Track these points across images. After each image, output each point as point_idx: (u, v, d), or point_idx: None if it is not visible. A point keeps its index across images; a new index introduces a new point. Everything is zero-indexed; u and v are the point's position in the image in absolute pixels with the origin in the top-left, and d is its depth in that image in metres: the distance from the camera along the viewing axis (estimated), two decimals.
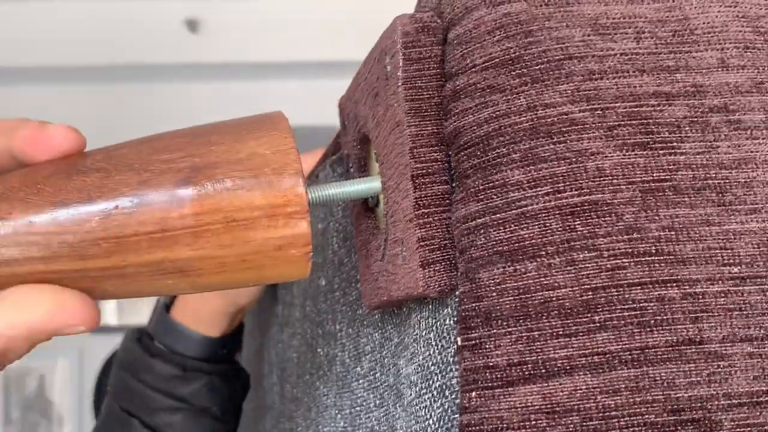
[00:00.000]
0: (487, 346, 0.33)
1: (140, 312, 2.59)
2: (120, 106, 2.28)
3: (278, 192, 0.35)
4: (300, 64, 2.46)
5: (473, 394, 0.33)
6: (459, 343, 0.34)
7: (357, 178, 0.42)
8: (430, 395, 0.36)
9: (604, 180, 0.32)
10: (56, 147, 0.36)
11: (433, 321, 0.37)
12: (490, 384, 0.32)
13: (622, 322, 0.31)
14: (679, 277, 0.32)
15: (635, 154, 0.32)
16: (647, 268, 0.32)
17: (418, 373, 0.38)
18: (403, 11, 0.37)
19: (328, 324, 0.58)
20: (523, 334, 0.32)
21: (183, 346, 0.71)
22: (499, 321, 0.32)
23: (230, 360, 0.75)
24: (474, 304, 0.33)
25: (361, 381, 0.51)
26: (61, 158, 0.36)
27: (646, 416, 0.31)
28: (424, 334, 0.38)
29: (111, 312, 2.58)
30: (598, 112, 0.33)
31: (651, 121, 0.33)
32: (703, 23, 0.34)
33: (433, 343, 0.37)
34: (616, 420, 0.31)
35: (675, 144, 0.33)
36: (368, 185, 0.40)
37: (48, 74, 2.21)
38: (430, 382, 0.37)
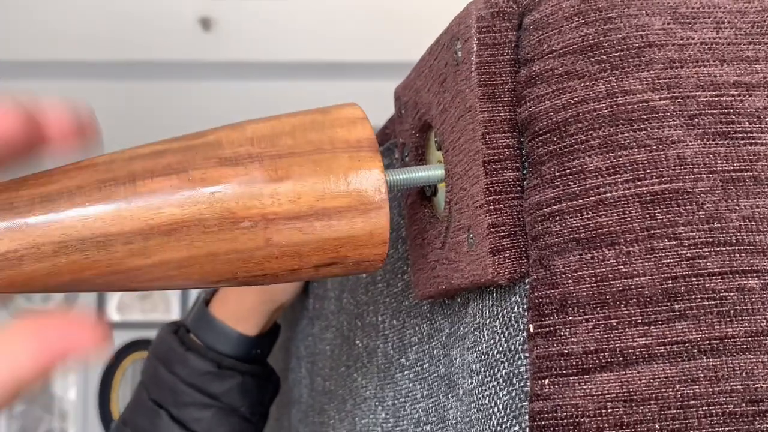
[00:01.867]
0: (562, 334, 0.32)
1: (137, 309, 2.59)
2: (132, 102, 2.28)
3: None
4: (313, 64, 2.46)
5: (546, 381, 0.33)
6: (531, 330, 0.33)
7: (421, 165, 0.42)
8: (495, 383, 0.36)
9: (685, 168, 0.32)
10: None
11: (499, 309, 0.37)
12: (564, 371, 0.32)
13: (702, 311, 0.31)
14: (759, 267, 0.31)
15: (716, 144, 0.32)
16: (727, 258, 0.31)
17: (480, 361, 0.38)
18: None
19: (368, 316, 0.57)
20: (601, 322, 0.32)
21: (219, 342, 0.70)
22: (575, 308, 0.32)
23: (263, 361, 0.75)
24: (548, 291, 0.33)
25: (406, 372, 0.50)
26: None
27: (725, 406, 0.31)
28: (488, 322, 0.37)
29: (113, 309, 2.58)
30: (679, 100, 0.33)
31: (731, 110, 0.33)
32: None
33: (499, 331, 0.36)
34: (694, 409, 0.31)
35: (755, 134, 0.32)
36: (433, 172, 0.40)
37: (61, 69, 2.21)
38: (495, 371, 0.36)
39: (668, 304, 0.31)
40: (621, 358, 0.31)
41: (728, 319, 0.31)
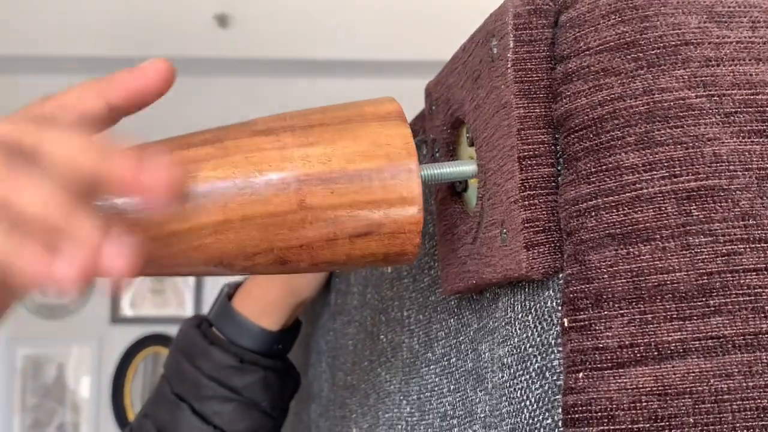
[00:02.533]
0: (597, 328, 0.33)
1: (150, 304, 2.60)
2: None
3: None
4: (328, 62, 2.47)
5: (580, 375, 0.33)
6: (566, 324, 0.34)
7: (453, 161, 0.42)
8: (527, 377, 0.37)
9: (720, 166, 0.32)
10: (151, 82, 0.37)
11: (531, 304, 0.37)
12: (599, 365, 0.33)
13: (737, 307, 0.31)
14: None
15: (752, 141, 0.33)
16: (762, 254, 0.32)
17: (512, 355, 0.38)
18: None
19: (393, 311, 0.58)
20: (636, 317, 0.32)
21: (242, 337, 0.71)
22: (611, 303, 0.33)
23: (284, 357, 0.75)
24: (583, 286, 0.33)
25: (432, 367, 0.51)
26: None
27: (759, 401, 0.31)
28: (520, 317, 0.38)
29: (126, 304, 2.59)
30: (715, 98, 0.33)
31: (767, 109, 0.33)
32: None
33: (531, 326, 0.37)
34: (728, 403, 0.31)
35: None
36: (466, 168, 0.40)
37: (78, 65, 2.22)
38: (527, 364, 0.37)
39: (703, 299, 0.32)
40: (656, 353, 0.32)
41: (763, 314, 0.31)
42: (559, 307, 0.35)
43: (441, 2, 2.24)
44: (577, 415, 0.33)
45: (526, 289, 0.38)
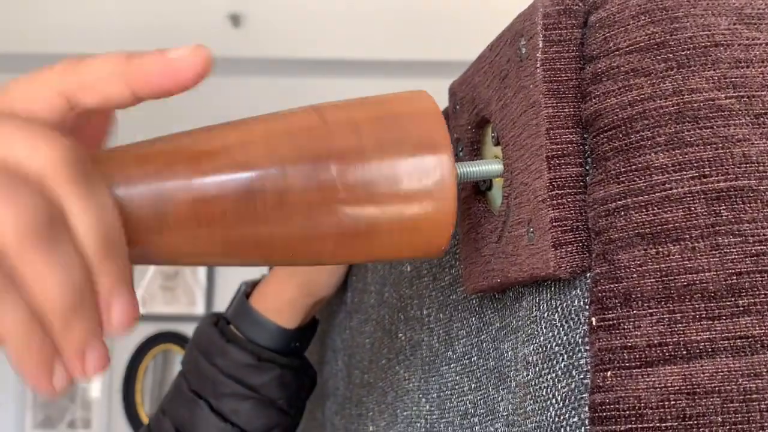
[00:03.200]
0: (626, 327, 0.33)
1: (160, 301, 2.60)
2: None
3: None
4: (341, 62, 2.47)
5: (608, 373, 0.33)
6: (594, 323, 0.34)
7: (479, 160, 0.43)
8: (554, 375, 0.37)
9: (750, 167, 0.32)
10: (184, 79, 0.35)
11: (558, 302, 0.37)
12: (627, 364, 0.33)
13: (766, 307, 0.32)
14: None
15: None
16: None
17: (537, 353, 0.38)
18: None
19: (412, 309, 0.58)
20: (665, 316, 0.32)
21: (259, 335, 0.71)
22: (640, 302, 0.33)
23: (301, 355, 0.75)
24: (612, 285, 0.34)
25: (453, 365, 0.51)
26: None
27: None
28: (545, 315, 0.38)
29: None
30: (745, 99, 0.33)
31: None
32: None
33: (558, 324, 0.37)
34: (757, 403, 0.31)
35: None
36: (492, 167, 0.40)
37: None
38: (553, 363, 0.37)
39: (732, 299, 0.32)
40: (684, 352, 0.32)
41: None
42: (587, 306, 0.35)
43: (458, 2, 2.24)
44: (604, 413, 0.33)
45: (552, 288, 0.38)
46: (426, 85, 0.47)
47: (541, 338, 0.38)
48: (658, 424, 0.32)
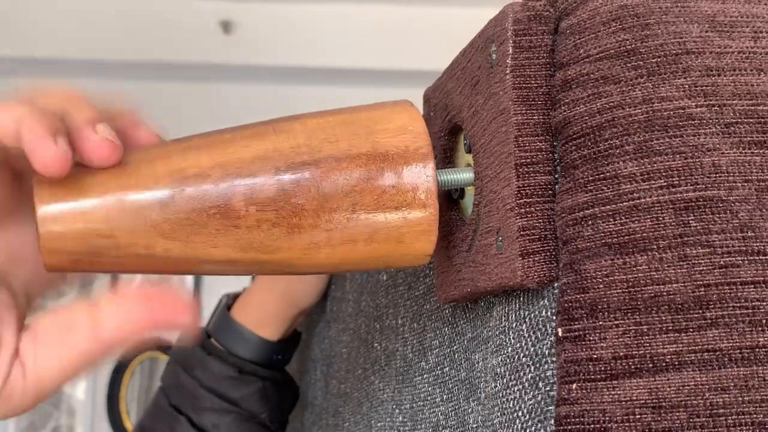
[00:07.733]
0: (591, 338, 0.32)
1: None
2: (152, 103, 2.28)
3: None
4: (332, 70, 2.47)
5: (573, 386, 0.32)
6: (560, 334, 0.33)
7: (450, 168, 0.42)
8: (520, 387, 0.36)
9: (720, 176, 0.32)
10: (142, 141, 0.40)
11: (526, 312, 0.37)
12: (592, 376, 0.32)
13: (734, 319, 0.31)
14: None
15: (752, 153, 0.32)
16: (760, 267, 0.31)
17: (505, 365, 0.38)
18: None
19: (388, 319, 0.57)
20: (631, 328, 0.32)
21: (241, 347, 0.70)
22: (606, 313, 0.32)
23: (283, 369, 0.74)
24: (578, 296, 0.33)
25: (425, 376, 0.50)
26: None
27: (755, 415, 0.31)
28: (514, 326, 0.37)
29: None
30: (715, 108, 0.32)
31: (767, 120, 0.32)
32: None
33: (526, 335, 0.36)
34: (723, 418, 0.31)
35: None
36: (462, 175, 0.40)
37: (82, 67, 2.22)
38: (521, 374, 0.36)
39: (700, 311, 0.31)
40: (650, 365, 0.31)
41: (760, 328, 0.31)
42: (554, 317, 0.34)
43: (444, 15, 2.24)
44: (569, 427, 0.32)
45: (521, 298, 0.37)
46: (416, 94, 0.47)
47: (509, 349, 0.38)
48: None
